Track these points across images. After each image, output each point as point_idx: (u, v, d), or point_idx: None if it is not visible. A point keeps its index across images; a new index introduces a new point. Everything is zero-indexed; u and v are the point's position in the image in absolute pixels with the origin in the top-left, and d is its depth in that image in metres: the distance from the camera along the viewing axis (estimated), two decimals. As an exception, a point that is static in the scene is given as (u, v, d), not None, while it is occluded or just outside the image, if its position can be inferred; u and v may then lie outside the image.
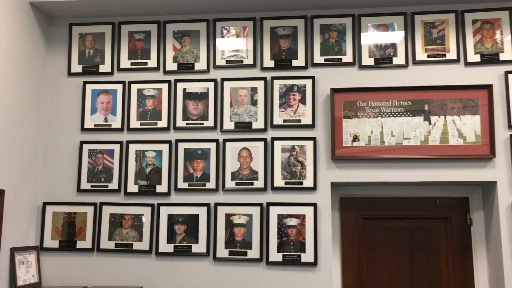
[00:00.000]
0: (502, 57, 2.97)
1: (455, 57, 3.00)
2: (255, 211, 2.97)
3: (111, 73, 3.24)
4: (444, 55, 3.02)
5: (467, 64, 2.99)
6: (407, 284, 3.04)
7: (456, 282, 3.01)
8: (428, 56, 3.03)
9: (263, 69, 3.13)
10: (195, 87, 3.16)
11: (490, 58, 2.98)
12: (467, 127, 2.91)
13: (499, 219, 2.83)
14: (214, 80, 3.14)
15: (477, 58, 2.99)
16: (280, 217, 2.95)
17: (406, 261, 3.07)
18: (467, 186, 3.08)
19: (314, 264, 2.88)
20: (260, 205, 2.98)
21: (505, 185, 2.85)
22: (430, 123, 2.95)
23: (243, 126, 3.08)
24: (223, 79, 3.13)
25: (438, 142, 2.92)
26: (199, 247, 2.98)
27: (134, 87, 3.20)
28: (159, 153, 3.11)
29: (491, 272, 2.95)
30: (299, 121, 3.04)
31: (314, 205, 2.94)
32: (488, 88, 2.91)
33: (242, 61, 3.15)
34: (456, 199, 3.10)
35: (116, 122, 3.18)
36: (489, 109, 2.90)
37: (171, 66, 3.20)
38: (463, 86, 2.94)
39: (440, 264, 3.04)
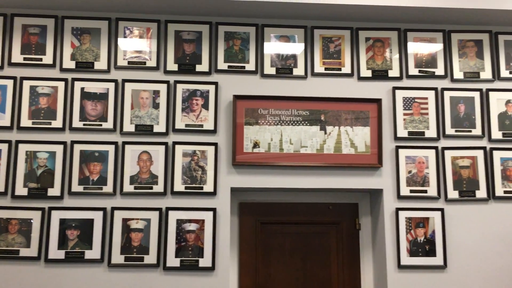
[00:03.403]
0: (391, 73, 3.21)
1: (349, 71, 3.19)
2: (154, 216, 2.93)
3: (0, 68, 3.02)
4: (340, 69, 3.20)
5: (360, 78, 3.20)
6: (300, 286, 3.17)
7: (345, 283, 3.19)
8: (326, 69, 3.19)
9: (166, 72, 3.10)
10: (94, 87, 3.04)
11: (380, 74, 3.20)
12: (358, 138, 3.11)
13: (384, 224, 3.05)
14: (115, 81, 3.05)
15: (369, 74, 3.20)
16: (179, 222, 2.94)
17: (300, 264, 3.19)
18: (357, 193, 3.28)
19: (212, 268, 2.90)
20: (159, 209, 2.94)
21: (390, 193, 3.08)
22: (325, 133, 3.10)
23: (144, 129, 3.02)
24: (124, 80, 3.06)
25: (332, 151, 3.09)
26: (93, 253, 2.87)
27: (27, 84, 3.01)
28: (52, 154, 2.95)
29: (376, 273, 3.17)
30: (201, 126, 3.05)
31: (213, 210, 2.96)
32: (378, 102, 3.13)
33: (144, 63, 3.09)
34: (347, 205, 3.29)
35: (4, 120, 2.97)
36: (378, 122, 3.11)
37: (69, 63, 3.05)
38: (355, 99, 3.13)
39: (331, 266, 3.21)
